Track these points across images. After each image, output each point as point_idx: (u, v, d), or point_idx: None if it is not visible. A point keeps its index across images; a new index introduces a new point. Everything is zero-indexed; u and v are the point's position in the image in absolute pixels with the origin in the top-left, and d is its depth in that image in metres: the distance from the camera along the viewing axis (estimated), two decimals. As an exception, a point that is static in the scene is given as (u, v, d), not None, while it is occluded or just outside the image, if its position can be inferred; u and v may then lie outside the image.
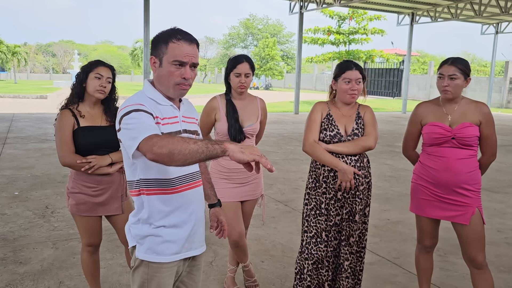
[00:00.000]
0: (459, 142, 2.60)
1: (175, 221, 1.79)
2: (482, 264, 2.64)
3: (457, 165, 2.61)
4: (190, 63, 1.74)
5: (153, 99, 1.78)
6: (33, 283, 3.23)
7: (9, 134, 10.18)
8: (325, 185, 2.72)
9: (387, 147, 10.15)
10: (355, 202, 2.72)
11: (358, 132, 2.72)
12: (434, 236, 2.83)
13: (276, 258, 3.79)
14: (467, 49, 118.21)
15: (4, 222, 4.50)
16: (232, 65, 2.86)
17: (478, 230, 2.62)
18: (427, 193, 2.72)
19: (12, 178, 6.24)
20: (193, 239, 1.86)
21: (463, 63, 2.62)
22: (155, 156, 1.51)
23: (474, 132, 2.60)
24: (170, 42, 1.73)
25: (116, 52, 75.63)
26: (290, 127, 13.14)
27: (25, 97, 23.50)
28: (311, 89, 42.28)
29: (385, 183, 6.72)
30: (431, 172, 2.68)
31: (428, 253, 2.88)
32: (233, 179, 2.90)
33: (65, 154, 2.57)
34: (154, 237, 1.78)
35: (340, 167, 2.64)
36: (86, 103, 2.68)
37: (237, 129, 2.86)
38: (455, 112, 2.66)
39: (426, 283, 2.92)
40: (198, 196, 1.88)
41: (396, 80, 31.09)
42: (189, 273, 1.95)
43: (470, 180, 2.62)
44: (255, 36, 66.78)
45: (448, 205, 2.66)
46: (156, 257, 1.79)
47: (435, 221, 2.78)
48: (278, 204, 5.38)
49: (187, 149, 1.46)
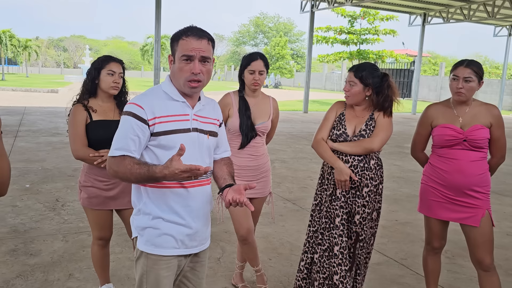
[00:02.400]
0: (471, 144, 2.60)
1: (173, 216, 1.82)
2: (490, 267, 2.63)
3: (469, 167, 2.60)
4: (199, 57, 1.76)
5: (167, 93, 1.84)
6: (43, 274, 3.27)
7: (21, 127, 10.29)
8: (326, 182, 2.79)
9: (396, 148, 10.11)
10: (355, 203, 2.70)
11: (365, 134, 2.70)
12: (443, 238, 2.82)
13: (284, 256, 3.80)
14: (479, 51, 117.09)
15: (16, 214, 4.56)
16: (247, 62, 2.86)
17: (487, 232, 2.61)
18: (437, 195, 2.71)
19: (23, 171, 6.31)
20: (194, 237, 1.87)
21: (478, 65, 2.61)
22: (111, 176, 1.81)
23: (485, 135, 2.59)
24: (180, 39, 1.78)
25: (127, 47, 75.96)
26: (299, 126, 13.13)
27: (36, 90, 23.72)
28: (320, 88, 42.15)
29: (394, 184, 6.70)
30: (442, 174, 2.67)
31: (436, 254, 2.87)
32: (242, 176, 2.89)
33: (78, 148, 2.61)
34: (153, 229, 1.82)
35: (337, 165, 2.66)
36: (99, 98, 2.71)
37: (248, 126, 2.88)
38: (466, 114, 2.65)
39: (434, 284, 2.92)
40: (202, 195, 1.88)
41: (407, 81, 30.91)
42: (192, 269, 1.97)
43: (481, 182, 2.61)
44: (265, 34, 66.72)
45: (458, 207, 2.65)
46: (154, 249, 1.83)
47: (444, 223, 2.78)
48: (287, 203, 5.39)
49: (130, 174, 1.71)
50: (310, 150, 2.69)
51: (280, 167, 7.36)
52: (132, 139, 1.74)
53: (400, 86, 31.57)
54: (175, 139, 1.77)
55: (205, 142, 1.87)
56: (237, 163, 2.87)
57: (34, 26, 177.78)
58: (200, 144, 1.85)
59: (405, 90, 31.12)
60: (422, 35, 20.44)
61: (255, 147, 2.95)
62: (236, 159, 2.85)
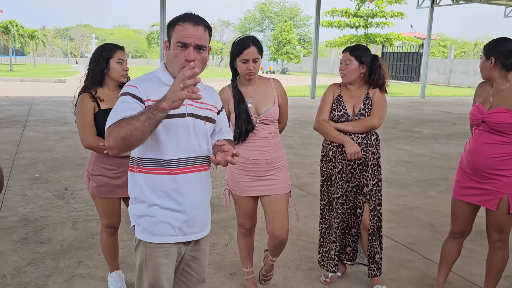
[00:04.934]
0: (490, 127, 2.52)
1: (169, 202, 1.81)
2: (495, 242, 2.68)
3: (483, 149, 2.55)
4: (194, 44, 1.74)
5: (161, 78, 1.83)
6: (53, 262, 3.31)
7: (29, 117, 10.36)
8: (334, 160, 2.96)
9: (405, 132, 10.03)
10: (362, 177, 2.92)
11: (364, 113, 2.89)
12: (464, 224, 2.76)
13: (291, 241, 3.80)
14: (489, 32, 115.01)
15: (25, 203, 4.61)
16: (238, 51, 2.55)
17: (502, 215, 2.58)
18: (463, 176, 2.69)
19: (32, 160, 6.37)
20: (192, 223, 1.86)
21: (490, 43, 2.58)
22: (115, 152, 1.64)
23: (507, 119, 2.45)
24: (176, 25, 1.76)
25: (133, 36, 75.87)
26: (306, 112, 13.07)
27: (44, 80, 23.83)
28: (328, 73, 41.90)
29: (402, 168, 6.66)
30: (466, 154, 2.66)
31: (456, 239, 2.83)
32: (251, 171, 2.67)
33: (88, 137, 2.61)
34: (149, 218, 1.81)
35: (346, 140, 2.86)
36: (106, 87, 2.71)
37: (243, 119, 2.61)
38: (498, 95, 2.55)
39: (445, 269, 2.90)
40: (199, 181, 1.86)
41: (415, 64, 30.50)
42: (194, 257, 1.97)
43: (499, 165, 2.51)
44: (271, 19, 66.16)
45: (478, 190, 2.62)
46: (151, 237, 1.82)
47: (468, 208, 2.71)
48: (294, 189, 5.39)
49: (134, 129, 1.56)
50: (317, 135, 2.68)
51: (287, 153, 7.32)
52: (128, 110, 1.67)
53: (409, 70, 31.20)
54: (170, 123, 1.75)
55: (201, 127, 1.85)
56: (246, 156, 2.65)
57: (40, 16, 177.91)
58: (197, 129, 1.83)
59: (414, 74, 30.74)
60: (431, 17, 20.10)
61: (265, 138, 2.66)
62: (244, 151, 2.65)
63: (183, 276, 1.98)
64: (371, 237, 2.96)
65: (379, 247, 3.00)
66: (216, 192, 5.09)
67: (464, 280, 3.26)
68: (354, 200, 2.97)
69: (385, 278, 3.17)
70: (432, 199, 5.15)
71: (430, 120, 12.29)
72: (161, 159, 1.78)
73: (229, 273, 3.26)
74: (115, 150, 1.63)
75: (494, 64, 2.53)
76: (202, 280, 2.03)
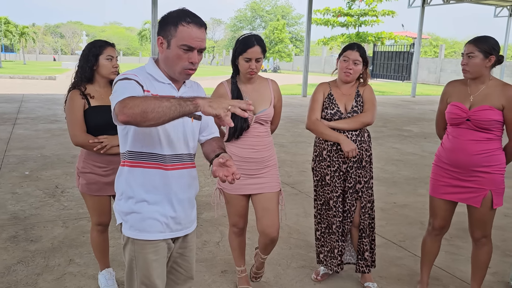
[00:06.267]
0: (475, 125, 2.56)
1: (158, 198, 1.81)
2: (479, 240, 2.73)
3: (471, 147, 2.58)
4: (198, 48, 1.74)
5: (151, 75, 1.80)
6: (44, 260, 3.30)
7: (19, 114, 10.27)
8: (329, 159, 2.95)
9: (396, 130, 10.10)
10: (357, 174, 2.94)
11: (357, 110, 2.91)
12: (444, 219, 2.81)
13: (283, 239, 3.82)
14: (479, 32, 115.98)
15: (16, 201, 4.58)
16: (242, 49, 2.56)
17: (485, 212, 2.64)
18: (444, 175, 2.72)
19: (22, 158, 6.32)
20: (179, 220, 1.87)
21: (484, 41, 2.54)
22: (125, 117, 1.48)
23: (492, 116, 2.52)
24: (179, 25, 1.71)
25: (124, 33, 75.42)
26: (298, 110, 13.10)
27: (34, 78, 23.61)
28: (319, 72, 41.94)
29: (393, 166, 6.71)
30: (448, 152, 2.68)
31: (436, 236, 2.89)
32: (243, 168, 2.64)
33: (77, 134, 2.60)
34: (136, 214, 1.81)
35: (341, 138, 2.85)
36: (96, 84, 2.69)
37: (239, 117, 2.55)
38: (479, 94, 2.59)
39: (428, 266, 2.95)
40: (186, 178, 1.86)
41: (406, 63, 30.71)
42: (181, 254, 1.98)
43: (484, 161, 2.56)
44: (263, 18, 66.12)
45: (462, 188, 2.66)
46: (139, 234, 1.81)
47: (447, 205, 2.77)
48: (285, 187, 5.41)
49: (160, 106, 1.46)
50: (308, 134, 2.71)
51: (278, 151, 7.36)
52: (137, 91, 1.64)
53: (400, 69, 31.39)
54: None
55: (189, 125, 1.85)
56: (238, 154, 2.67)
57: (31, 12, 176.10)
58: (185, 127, 1.83)
59: (405, 73, 30.95)
60: (422, 16, 20.23)
61: (259, 137, 2.69)
62: (238, 149, 2.68)
63: (171, 273, 1.99)
64: (361, 233, 3.00)
65: (369, 245, 3.02)
66: (207, 190, 5.09)
67: (453, 276, 3.30)
68: (350, 201, 2.96)
69: (375, 275, 3.20)
70: (421, 197, 5.19)
71: (420, 119, 12.38)
72: (157, 153, 1.78)
73: (221, 270, 3.27)
74: (124, 116, 1.48)
75: (491, 62, 2.54)
76: (190, 277, 2.04)
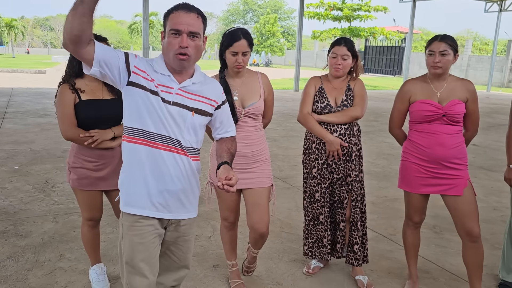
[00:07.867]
0: (449, 119, 2.66)
1: (141, 173, 1.85)
2: (478, 237, 2.68)
3: (448, 140, 2.66)
4: (187, 31, 1.77)
5: (152, 65, 1.88)
6: (34, 255, 3.27)
7: (8, 108, 10.15)
8: (317, 152, 3.00)
9: (387, 125, 10.11)
10: (346, 168, 2.96)
11: (347, 103, 2.93)
12: (423, 212, 2.88)
13: (274, 233, 3.83)
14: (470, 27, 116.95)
15: (5, 196, 4.53)
16: (228, 43, 2.55)
17: (471, 200, 2.67)
18: (419, 170, 2.75)
19: (12, 153, 6.25)
20: (166, 201, 1.88)
21: (452, 39, 2.67)
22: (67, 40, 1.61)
23: (462, 109, 2.67)
24: (170, 14, 1.81)
25: (115, 27, 74.64)
26: (290, 104, 13.10)
27: (23, 71, 23.34)
28: (311, 66, 41.96)
29: (384, 161, 6.75)
30: (423, 149, 2.72)
31: (416, 228, 2.94)
32: (234, 163, 2.50)
33: (68, 128, 2.57)
34: (126, 187, 1.89)
35: (328, 138, 2.88)
36: (86, 78, 2.66)
37: None
38: (443, 90, 2.70)
39: (414, 258, 2.99)
40: (178, 162, 1.87)
41: (398, 58, 30.82)
42: (175, 242, 2.00)
43: (459, 153, 2.68)
44: (255, 12, 65.88)
45: (439, 180, 2.70)
46: (124, 207, 1.89)
47: (424, 198, 2.84)
48: (277, 181, 5.42)
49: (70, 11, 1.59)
50: (300, 128, 2.70)
51: (270, 145, 7.37)
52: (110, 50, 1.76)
53: (391, 63, 31.50)
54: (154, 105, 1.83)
55: (188, 118, 1.87)
56: None
57: (19, 5, 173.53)
58: (182, 119, 1.86)
59: (396, 67, 31.06)
60: (413, 11, 20.31)
61: (249, 131, 2.68)
62: None
63: (164, 259, 2.02)
64: (351, 226, 3.02)
65: (360, 239, 3.03)
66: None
67: (442, 269, 3.34)
68: (340, 194, 3.00)
69: (366, 268, 3.23)
70: (412, 191, 5.23)
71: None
72: (143, 129, 1.83)
73: (212, 265, 3.27)
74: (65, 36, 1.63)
75: (456, 59, 2.68)
76: (184, 266, 2.06)
